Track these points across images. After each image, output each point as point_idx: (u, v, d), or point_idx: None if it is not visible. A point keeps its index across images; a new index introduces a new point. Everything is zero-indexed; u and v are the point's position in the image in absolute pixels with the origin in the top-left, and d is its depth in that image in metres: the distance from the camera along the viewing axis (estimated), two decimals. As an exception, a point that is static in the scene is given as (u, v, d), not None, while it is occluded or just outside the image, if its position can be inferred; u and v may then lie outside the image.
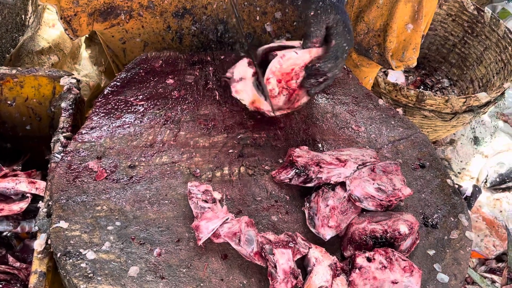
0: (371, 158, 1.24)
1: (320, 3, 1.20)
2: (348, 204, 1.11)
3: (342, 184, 1.14)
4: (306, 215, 1.12)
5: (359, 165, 1.18)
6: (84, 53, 2.10)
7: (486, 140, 2.32)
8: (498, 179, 2.13)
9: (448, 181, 1.27)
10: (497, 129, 2.36)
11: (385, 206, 1.13)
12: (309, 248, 1.03)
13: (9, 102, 1.48)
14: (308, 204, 1.13)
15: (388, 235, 1.07)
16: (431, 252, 1.12)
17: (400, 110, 1.44)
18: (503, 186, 2.14)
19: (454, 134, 2.32)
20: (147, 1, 1.47)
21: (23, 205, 1.28)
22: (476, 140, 2.30)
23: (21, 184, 1.29)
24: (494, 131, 2.36)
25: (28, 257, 1.32)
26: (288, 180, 1.16)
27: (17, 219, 1.31)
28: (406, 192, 1.14)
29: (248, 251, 1.00)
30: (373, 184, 1.13)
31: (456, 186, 1.27)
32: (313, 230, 1.10)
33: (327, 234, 1.08)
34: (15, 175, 1.37)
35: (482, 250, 1.89)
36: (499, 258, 1.90)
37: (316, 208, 1.10)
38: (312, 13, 1.19)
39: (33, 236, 1.32)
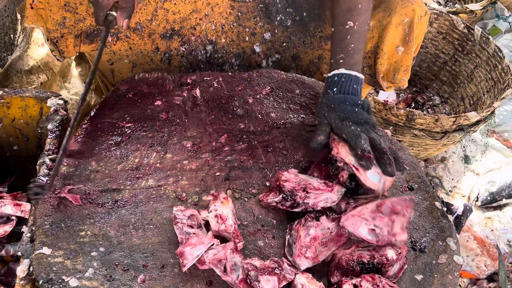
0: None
1: (320, 111, 1.28)
2: (331, 236, 1.09)
3: (328, 215, 1.11)
4: (286, 241, 1.10)
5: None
6: (74, 71, 2.09)
7: (476, 159, 2.32)
8: (489, 198, 2.13)
9: (437, 203, 1.26)
10: (488, 147, 2.36)
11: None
12: (295, 274, 1.02)
13: (-5, 122, 1.47)
14: (289, 231, 1.12)
15: (375, 260, 1.06)
16: (419, 277, 1.11)
17: (389, 132, 1.43)
18: (494, 204, 2.13)
19: (445, 152, 2.32)
20: (135, 23, 1.47)
21: (7, 228, 1.27)
22: (466, 159, 2.30)
23: (6, 206, 1.28)
24: (485, 149, 2.36)
25: (12, 281, 1.30)
26: (275, 204, 1.15)
27: (2, 242, 1.30)
28: (400, 238, 1.07)
29: (233, 278, 0.99)
30: (369, 225, 1.07)
31: (445, 209, 1.26)
32: (289, 258, 1.07)
33: (303, 264, 1.05)
34: (0, 197, 1.36)
35: (473, 270, 1.88)
36: (491, 278, 1.89)
37: (296, 236, 1.08)
38: (316, 123, 1.29)
39: (18, 259, 1.31)
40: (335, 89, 1.27)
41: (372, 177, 1.15)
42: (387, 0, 1.43)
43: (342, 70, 1.29)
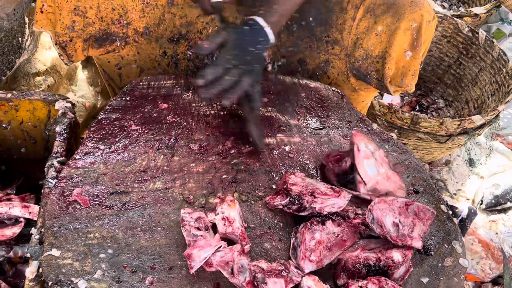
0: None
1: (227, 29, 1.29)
2: (336, 240, 1.10)
3: (333, 220, 1.12)
4: (291, 244, 1.11)
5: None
6: (81, 74, 2.11)
7: (481, 162, 2.32)
8: (493, 201, 2.13)
9: (442, 207, 1.27)
10: (492, 150, 2.37)
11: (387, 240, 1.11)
12: (302, 276, 1.03)
13: (4, 125, 1.48)
14: (294, 234, 1.12)
15: (381, 263, 1.06)
16: (425, 280, 1.11)
17: (394, 135, 1.44)
18: (499, 207, 2.13)
19: (450, 155, 2.32)
20: (143, 27, 1.48)
21: (16, 230, 1.27)
22: (471, 162, 2.30)
23: (15, 208, 1.28)
24: (489, 152, 2.36)
25: (20, 282, 1.31)
26: (282, 207, 1.16)
27: (10, 244, 1.31)
28: (415, 244, 1.09)
29: (241, 281, 1.00)
30: (395, 217, 1.10)
31: (450, 212, 1.26)
32: (293, 261, 1.08)
33: (307, 267, 1.06)
34: (9, 199, 1.37)
35: (478, 273, 1.88)
36: (495, 281, 1.89)
37: (301, 240, 1.09)
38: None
39: (26, 261, 1.32)
40: (246, 28, 1.29)
41: (368, 167, 1.19)
42: (396, 6, 1.44)
43: (259, 20, 1.30)
